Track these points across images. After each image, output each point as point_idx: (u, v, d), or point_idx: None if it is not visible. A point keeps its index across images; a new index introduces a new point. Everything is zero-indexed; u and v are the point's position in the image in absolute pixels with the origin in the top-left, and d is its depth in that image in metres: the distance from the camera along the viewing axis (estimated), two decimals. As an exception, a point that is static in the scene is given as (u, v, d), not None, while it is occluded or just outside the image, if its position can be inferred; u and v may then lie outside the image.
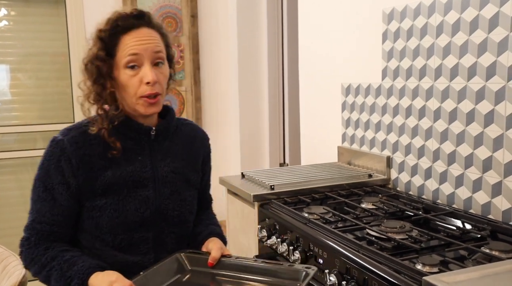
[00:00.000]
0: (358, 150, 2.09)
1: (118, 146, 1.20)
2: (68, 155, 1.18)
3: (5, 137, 3.23)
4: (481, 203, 1.49)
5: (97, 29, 1.19)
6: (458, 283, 0.93)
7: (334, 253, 1.30)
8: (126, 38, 1.17)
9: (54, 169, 1.18)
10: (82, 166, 1.19)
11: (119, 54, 1.18)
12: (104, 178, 1.20)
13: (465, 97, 1.53)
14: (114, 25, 1.18)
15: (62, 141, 1.19)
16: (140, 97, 1.19)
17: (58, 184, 1.18)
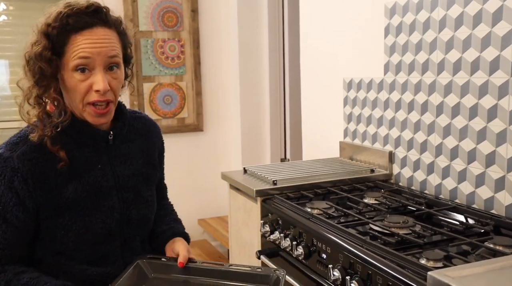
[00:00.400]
0: (360, 145, 2.08)
1: (63, 156, 1.07)
2: (21, 174, 1.05)
3: (5, 132, 3.22)
4: (484, 198, 1.49)
5: (45, 23, 1.04)
6: (463, 278, 0.93)
7: (337, 248, 1.30)
8: (78, 38, 1.03)
9: (5, 189, 1.04)
10: (39, 185, 1.07)
11: (67, 55, 1.04)
12: (65, 194, 1.09)
13: (468, 92, 1.53)
14: (65, 22, 1.03)
15: (11, 159, 1.05)
16: (88, 105, 1.08)
17: (13, 206, 1.05)
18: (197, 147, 3.59)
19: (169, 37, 3.42)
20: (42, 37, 1.04)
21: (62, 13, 1.03)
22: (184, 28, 3.45)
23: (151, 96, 3.42)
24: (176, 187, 3.56)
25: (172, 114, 3.49)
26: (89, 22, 1.05)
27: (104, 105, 1.09)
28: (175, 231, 1.34)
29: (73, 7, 1.04)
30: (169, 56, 3.44)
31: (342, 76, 2.18)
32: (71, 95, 1.08)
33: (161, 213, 1.40)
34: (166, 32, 3.41)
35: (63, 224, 1.11)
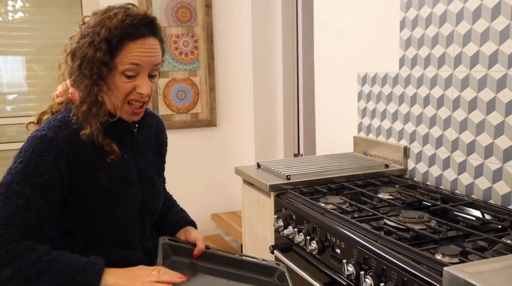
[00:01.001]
0: (374, 140, 2.07)
1: (115, 149, 1.15)
2: (65, 154, 1.10)
3: (23, 128, 3.26)
4: (501, 193, 1.47)
5: (106, 28, 1.09)
6: (481, 274, 0.92)
7: (351, 243, 1.29)
8: (132, 45, 1.10)
9: (48, 166, 1.07)
10: (77, 169, 1.12)
11: (119, 59, 1.10)
12: (98, 181, 1.15)
13: (486, 86, 1.50)
14: (125, 31, 1.09)
15: (56, 139, 1.10)
16: (128, 103, 1.15)
17: (54, 182, 1.08)
18: (210, 142, 3.60)
19: (182, 32, 3.43)
20: (102, 42, 1.09)
21: (124, 21, 1.09)
22: (197, 23, 3.45)
23: (165, 91, 3.43)
24: (189, 182, 3.59)
25: (185, 110, 3.50)
26: (145, 33, 1.12)
27: (140, 105, 1.17)
28: (186, 220, 1.42)
29: (134, 18, 1.11)
30: (183, 51, 3.45)
31: (356, 71, 2.16)
32: (114, 94, 1.14)
33: (167, 203, 1.46)
34: (180, 27, 3.42)
35: (92, 211, 1.16)
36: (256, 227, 1.95)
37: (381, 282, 1.16)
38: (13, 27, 3.19)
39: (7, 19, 3.17)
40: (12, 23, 3.19)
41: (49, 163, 1.08)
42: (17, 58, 3.24)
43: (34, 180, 1.06)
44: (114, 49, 1.10)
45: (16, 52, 3.21)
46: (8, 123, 3.23)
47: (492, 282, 0.88)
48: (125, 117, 1.18)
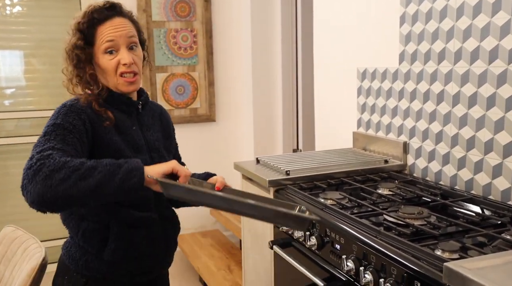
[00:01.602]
0: (374, 135, 2.06)
1: (110, 115, 1.30)
2: (86, 114, 1.26)
3: (21, 122, 3.26)
4: (501, 189, 1.47)
5: (76, 22, 1.32)
6: (481, 270, 0.92)
7: (351, 238, 1.29)
8: (102, 28, 1.31)
9: (74, 118, 1.23)
10: (96, 129, 1.27)
11: (97, 43, 1.31)
12: (114, 143, 1.29)
13: (486, 81, 1.50)
14: (91, 17, 1.31)
15: (76, 104, 1.27)
16: (120, 76, 1.32)
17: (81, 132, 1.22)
18: (209, 137, 3.60)
19: (181, 27, 3.42)
20: (76, 32, 1.31)
21: (88, 11, 1.31)
22: (196, 18, 3.44)
23: (164, 86, 3.42)
24: (189, 177, 3.58)
25: (184, 105, 3.49)
26: (109, 14, 1.32)
27: (132, 75, 1.33)
28: (208, 173, 1.53)
29: (95, 6, 1.32)
30: (182, 46, 3.43)
31: (356, 66, 2.16)
32: (106, 73, 1.32)
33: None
34: (178, 22, 3.40)
35: None
36: (256, 223, 1.95)
37: (380, 278, 1.16)
38: (11, 21, 3.18)
39: (5, 13, 3.15)
40: (10, 17, 3.18)
41: (74, 116, 1.24)
42: (15, 52, 3.22)
43: (65, 125, 1.21)
44: (89, 37, 1.31)
45: (14, 46, 3.20)
46: (6, 118, 3.22)
47: (492, 278, 0.88)
48: (124, 89, 1.34)
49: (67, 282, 1.32)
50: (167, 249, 1.43)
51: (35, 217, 2.98)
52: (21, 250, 1.40)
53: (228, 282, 2.69)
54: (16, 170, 3.22)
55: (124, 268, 1.33)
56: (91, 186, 1.08)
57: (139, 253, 1.33)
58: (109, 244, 1.29)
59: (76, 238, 1.31)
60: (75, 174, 1.08)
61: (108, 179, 1.10)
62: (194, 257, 3.05)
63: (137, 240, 1.32)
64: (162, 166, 1.17)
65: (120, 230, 1.29)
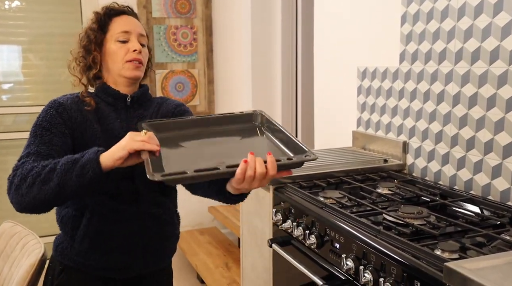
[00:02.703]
0: (373, 135, 2.07)
1: (91, 102, 1.35)
2: (65, 107, 1.31)
3: (19, 117, 3.24)
4: (500, 189, 1.47)
5: (95, 13, 1.40)
6: (481, 270, 0.92)
7: (351, 237, 1.29)
8: (118, 19, 1.39)
9: (52, 114, 1.29)
10: (76, 120, 1.31)
11: (111, 31, 1.38)
12: (94, 131, 1.32)
13: (486, 82, 1.50)
14: (109, 8, 1.40)
15: (59, 99, 1.34)
16: (126, 62, 1.36)
17: (58, 125, 1.28)
18: (208, 134, 3.59)
19: (181, 24, 3.41)
20: (92, 17, 1.38)
21: (107, 6, 1.40)
22: (197, 15, 3.43)
23: (163, 83, 3.42)
24: (187, 174, 3.58)
25: (183, 102, 3.48)
26: (124, 11, 1.42)
27: (138, 62, 1.38)
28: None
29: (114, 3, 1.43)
30: (182, 43, 3.43)
31: (356, 65, 2.16)
32: (113, 59, 1.37)
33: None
34: (179, 19, 3.40)
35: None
36: (254, 221, 1.95)
37: (380, 277, 1.16)
38: (10, 15, 3.16)
39: (3, 7, 3.14)
40: (8, 12, 3.16)
41: (52, 112, 1.29)
42: (13, 47, 3.21)
43: (43, 124, 1.27)
44: (104, 25, 1.37)
45: (12, 41, 3.19)
46: (4, 113, 3.21)
47: (492, 279, 0.88)
48: (128, 74, 1.37)
49: (48, 268, 1.37)
50: (145, 247, 1.37)
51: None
52: (20, 245, 1.40)
53: (226, 280, 2.69)
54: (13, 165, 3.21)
55: (95, 260, 1.32)
56: (53, 188, 1.11)
57: (109, 245, 1.33)
58: (79, 231, 1.31)
59: (58, 224, 1.35)
60: (37, 180, 1.13)
61: (65, 178, 1.12)
62: (192, 254, 3.05)
63: (107, 231, 1.32)
64: (116, 151, 1.13)
65: (92, 218, 1.30)
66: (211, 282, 2.70)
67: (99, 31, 1.38)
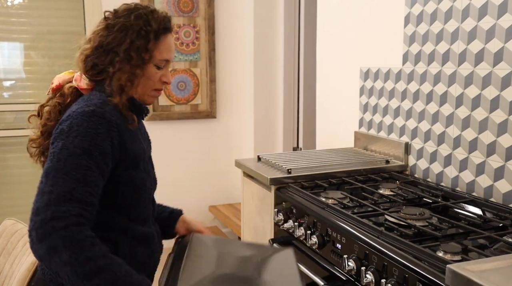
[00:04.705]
0: (375, 135, 2.06)
1: (135, 119, 1.24)
2: (116, 127, 1.15)
3: (20, 115, 3.25)
4: (502, 191, 1.47)
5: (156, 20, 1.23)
6: (484, 272, 0.92)
7: (353, 238, 1.29)
8: (165, 41, 1.25)
9: (102, 139, 1.12)
10: (122, 139, 1.18)
11: (156, 54, 1.24)
12: (132, 150, 1.20)
13: (490, 84, 1.50)
14: (165, 25, 1.26)
15: (105, 113, 1.15)
16: (154, 90, 1.29)
17: (107, 156, 1.12)
18: (210, 134, 3.59)
19: (184, 22, 3.41)
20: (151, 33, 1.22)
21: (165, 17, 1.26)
22: (199, 14, 3.43)
23: (165, 82, 3.42)
24: (188, 173, 3.59)
25: (185, 101, 3.48)
26: (170, 29, 1.29)
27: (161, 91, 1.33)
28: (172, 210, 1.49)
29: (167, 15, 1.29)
30: (184, 42, 3.42)
31: (359, 66, 2.15)
32: (146, 83, 1.26)
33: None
34: (181, 17, 3.39)
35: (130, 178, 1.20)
36: (256, 220, 1.95)
37: (382, 278, 1.16)
38: (12, 13, 3.16)
39: (6, 4, 3.13)
40: (11, 9, 3.16)
41: (103, 135, 1.12)
42: (15, 44, 3.21)
43: (92, 152, 1.09)
44: (155, 40, 1.23)
45: (14, 38, 3.18)
46: (5, 110, 3.21)
47: (495, 281, 0.88)
48: (149, 101, 1.31)
49: None
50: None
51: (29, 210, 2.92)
52: (22, 243, 1.40)
53: (226, 279, 2.69)
54: (15, 162, 3.21)
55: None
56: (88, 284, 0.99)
57: (144, 269, 1.25)
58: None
59: None
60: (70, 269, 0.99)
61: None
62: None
63: (143, 256, 1.25)
64: None
65: (128, 246, 1.21)
66: (211, 281, 2.70)
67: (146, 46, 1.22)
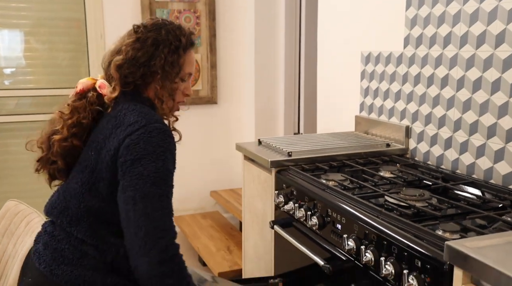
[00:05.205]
0: (376, 119, 2.07)
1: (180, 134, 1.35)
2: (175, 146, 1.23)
3: (22, 100, 3.25)
4: (502, 173, 1.48)
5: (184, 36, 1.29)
6: (481, 249, 0.93)
7: (353, 218, 1.30)
8: (190, 55, 1.31)
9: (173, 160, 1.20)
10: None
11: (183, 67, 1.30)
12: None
13: (491, 66, 1.49)
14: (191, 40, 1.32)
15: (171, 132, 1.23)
16: (178, 103, 1.34)
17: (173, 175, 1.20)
18: (211, 120, 3.59)
19: (185, 8, 3.39)
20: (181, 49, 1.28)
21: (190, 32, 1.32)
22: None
23: (166, 67, 3.41)
24: (189, 159, 3.59)
25: (186, 87, 3.48)
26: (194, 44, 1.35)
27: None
28: None
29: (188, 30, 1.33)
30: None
31: (360, 50, 2.15)
32: (171, 95, 1.29)
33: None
34: (182, 3, 3.37)
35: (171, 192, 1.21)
36: (256, 203, 1.96)
37: (381, 257, 1.17)
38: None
39: (6, -10, 3.12)
40: (11, -5, 3.14)
41: (173, 157, 1.19)
42: (15, 31, 3.20)
43: (172, 170, 1.17)
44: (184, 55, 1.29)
45: (14, 25, 3.17)
46: (6, 95, 3.21)
47: (493, 257, 0.89)
48: (170, 116, 1.35)
49: None
50: None
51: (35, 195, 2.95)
52: (24, 223, 1.41)
53: (228, 262, 2.71)
54: (16, 148, 3.22)
55: None
56: None
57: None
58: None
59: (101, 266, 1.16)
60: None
61: None
62: (194, 238, 3.07)
63: None
64: None
65: None
66: (213, 264, 2.72)
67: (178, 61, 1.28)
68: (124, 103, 1.24)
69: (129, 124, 1.15)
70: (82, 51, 3.25)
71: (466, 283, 0.94)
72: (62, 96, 3.22)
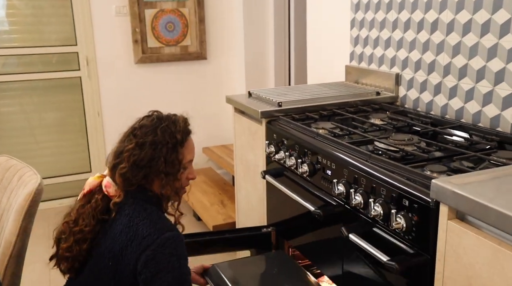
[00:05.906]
0: (366, 68, 2.05)
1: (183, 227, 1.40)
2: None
3: (8, 60, 3.19)
4: (490, 116, 1.49)
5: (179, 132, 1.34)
6: (468, 184, 0.94)
7: (342, 163, 1.32)
8: (187, 145, 1.37)
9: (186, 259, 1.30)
10: None
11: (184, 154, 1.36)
12: None
13: (482, 7, 1.47)
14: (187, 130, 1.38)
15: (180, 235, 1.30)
16: (182, 188, 1.39)
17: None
18: (201, 76, 3.56)
19: (169, -41, 3.29)
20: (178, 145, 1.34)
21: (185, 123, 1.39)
22: (185, -50, 3.30)
23: (153, 23, 3.34)
24: (180, 115, 3.58)
25: (175, 42, 3.42)
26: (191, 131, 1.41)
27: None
28: None
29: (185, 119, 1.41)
30: (170, -21, 3.31)
31: (350, -3, 2.11)
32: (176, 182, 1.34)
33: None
34: (166, -46, 3.27)
35: None
36: (248, 155, 1.97)
37: (370, 199, 1.19)
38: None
39: None
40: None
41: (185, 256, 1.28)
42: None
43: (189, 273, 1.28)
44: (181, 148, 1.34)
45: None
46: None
47: (479, 192, 0.91)
48: (177, 199, 1.39)
49: None
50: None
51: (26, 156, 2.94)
52: (17, 177, 1.41)
53: (222, 216, 2.76)
54: (5, 108, 3.19)
55: None
56: None
57: None
58: None
59: None
60: None
61: None
62: (188, 193, 3.11)
63: None
64: None
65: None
66: (207, 218, 2.77)
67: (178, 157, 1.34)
68: (131, 206, 1.29)
69: (143, 237, 1.22)
70: (66, 7, 3.16)
71: (452, 218, 0.96)
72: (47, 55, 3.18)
